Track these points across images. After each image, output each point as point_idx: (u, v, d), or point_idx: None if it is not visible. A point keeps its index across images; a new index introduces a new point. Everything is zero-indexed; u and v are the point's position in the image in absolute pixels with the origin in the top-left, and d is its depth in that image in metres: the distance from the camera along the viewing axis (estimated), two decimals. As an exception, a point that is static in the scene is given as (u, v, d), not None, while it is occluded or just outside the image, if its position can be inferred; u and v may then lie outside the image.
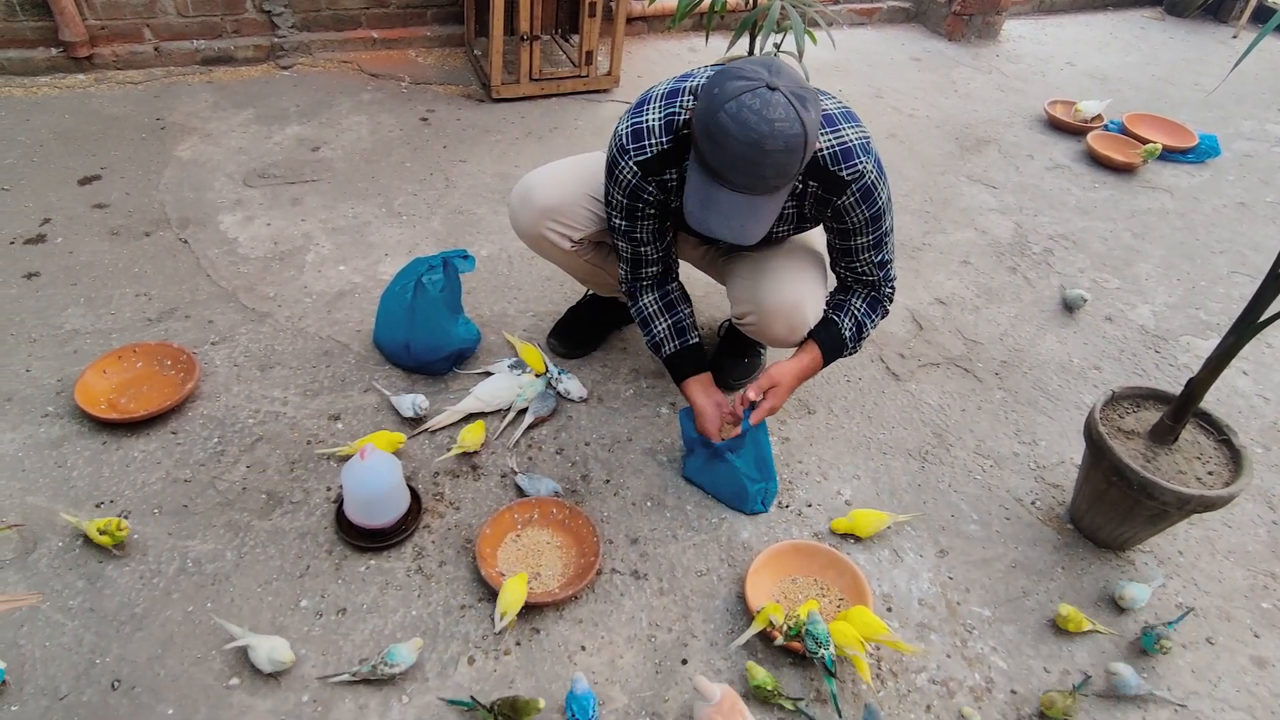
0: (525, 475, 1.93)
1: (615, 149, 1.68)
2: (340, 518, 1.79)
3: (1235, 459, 1.81)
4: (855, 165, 1.60)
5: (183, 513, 1.80)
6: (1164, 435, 1.83)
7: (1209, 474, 1.79)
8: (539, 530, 1.84)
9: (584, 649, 1.64)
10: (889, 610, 1.77)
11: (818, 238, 1.97)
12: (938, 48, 4.63)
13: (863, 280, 1.83)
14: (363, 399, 2.11)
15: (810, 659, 1.58)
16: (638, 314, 1.96)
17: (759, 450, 1.89)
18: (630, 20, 4.10)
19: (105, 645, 1.55)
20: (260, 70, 3.56)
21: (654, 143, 1.63)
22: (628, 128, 1.65)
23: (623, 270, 1.92)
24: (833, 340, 1.85)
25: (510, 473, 1.95)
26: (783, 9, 2.59)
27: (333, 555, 1.75)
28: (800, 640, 1.60)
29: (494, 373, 2.20)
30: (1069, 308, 2.70)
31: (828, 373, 2.35)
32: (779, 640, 1.61)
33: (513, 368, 2.21)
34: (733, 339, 2.28)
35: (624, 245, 1.84)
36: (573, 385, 2.17)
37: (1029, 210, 3.24)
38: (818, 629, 1.57)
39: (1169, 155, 3.69)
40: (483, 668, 1.59)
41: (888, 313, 1.89)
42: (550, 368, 2.22)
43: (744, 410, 1.82)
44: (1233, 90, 4.38)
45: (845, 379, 2.35)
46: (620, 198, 1.73)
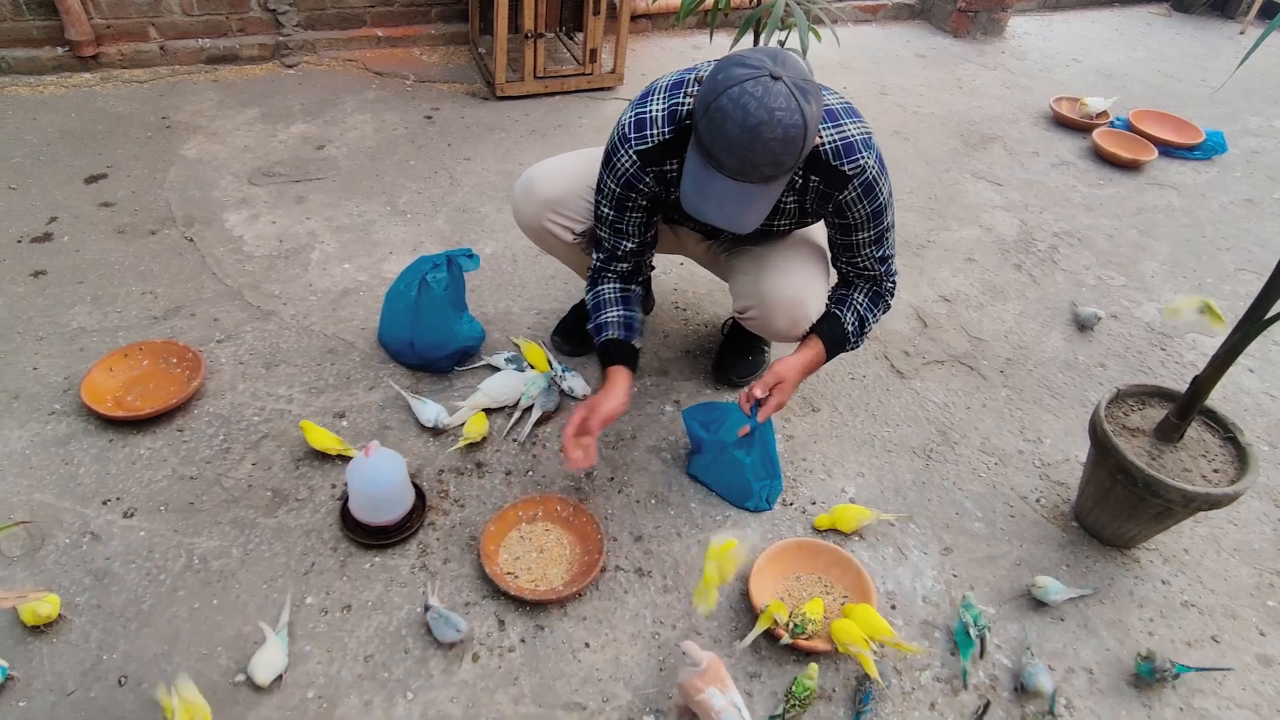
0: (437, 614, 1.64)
1: (616, 137, 1.67)
2: (345, 515, 1.80)
3: (1241, 456, 1.80)
4: (857, 160, 1.60)
5: (189, 510, 1.81)
6: (1169, 433, 1.83)
7: (1214, 472, 1.78)
8: (543, 527, 1.84)
9: (588, 646, 1.65)
10: (893, 608, 1.77)
11: (819, 232, 1.97)
12: (943, 44, 4.62)
13: (865, 275, 1.83)
14: (368, 396, 2.12)
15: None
16: (593, 297, 1.90)
17: (765, 448, 1.89)
18: (634, 18, 4.10)
19: (112, 642, 1.56)
20: (265, 69, 3.57)
21: (656, 133, 1.63)
22: (631, 117, 1.65)
23: (597, 256, 1.89)
24: (835, 334, 1.84)
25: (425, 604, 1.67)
26: (787, 6, 2.59)
27: (338, 552, 1.76)
28: (807, 638, 1.61)
29: (495, 366, 2.20)
30: (1082, 326, 2.62)
31: (832, 370, 2.34)
32: (785, 639, 1.62)
33: (510, 361, 2.21)
34: (736, 336, 2.28)
35: (606, 235, 1.83)
36: (576, 383, 2.17)
37: (1034, 207, 3.23)
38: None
39: (1175, 152, 3.67)
40: (487, 664, 1.59)
41: (890, 307, 1.89)
42: (554, 366, 2.23)
43: (751, 407, 1.82)
44: (1240, 86, 4.36)
45: (850, 376, 2.35)
46: (614, 186, 1.72)
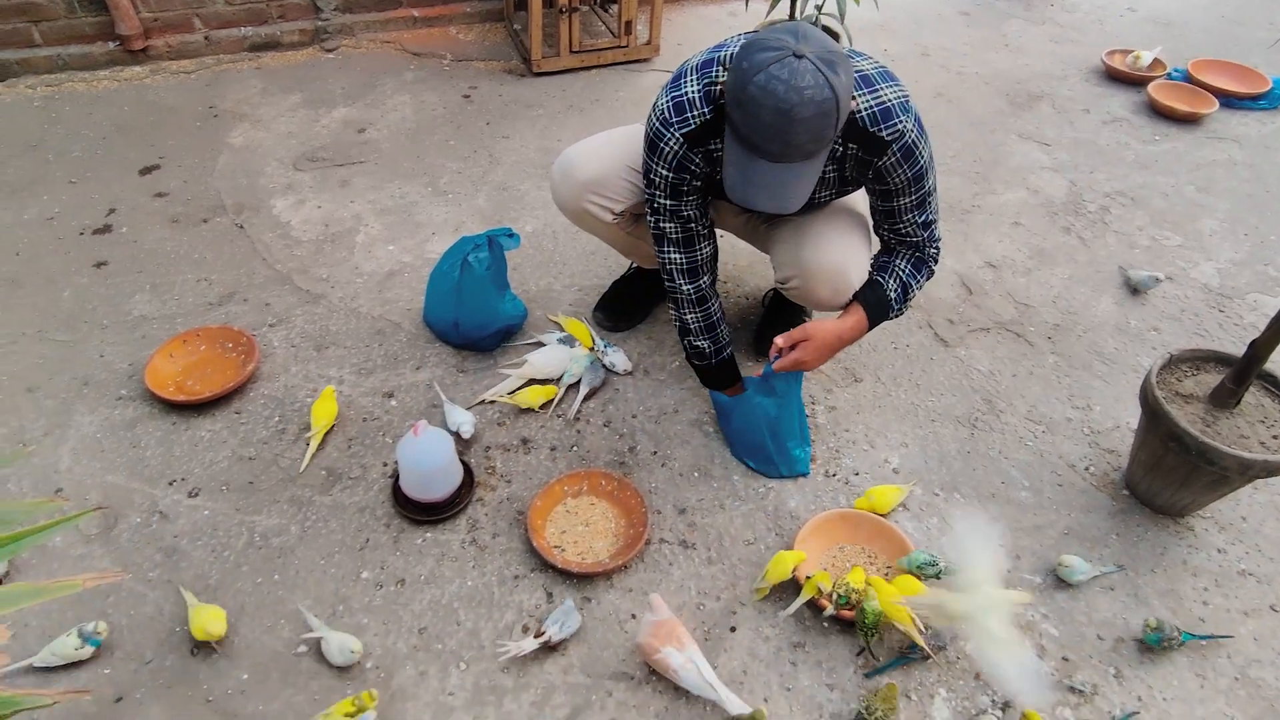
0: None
1: (658, 123, 1.67)
2: (396, 492, 1.86)
3: (1301, 421, 1.75)
4: (895, 125, 1.58)
5: (249, 489, 1.89)
6: (1225, 399, 1.78)
7: (1274, 438, 1.73)
8: (589, 501, 1.88)
9: (634, 617, 1.68)
10: (938, 579, 1.77)
11: (860, 200, 1.95)
12: (987, 0, 4.48)
13: (907, 241, 1.81)
14: (415, 376, 2.17)
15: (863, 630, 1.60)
16: (705, 318, 1.93)
17: (792, 409, 1.89)
18: (669, -14, 4.05)
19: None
20: (306, 54, 3.62)
21: (696, 114, 1.62)
22: (668, 102, 1.64)
23: (678, 257, 1.84)
24: (878, 301, 1.83)
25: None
26: (824, -31, 2.54)
27: (390, 528, 1.82)
28: (850, 609, 1.62)
29: (543, 344, 2.24)
30: (1136, 291, 2.54)
31: (875, 340, 2.33)
32: (829, 610, 1.63)
33: (562, 341, 2.24)
34: (777, 308, 2.27)
35: (672, 226, 1.80)
36: (618, 358, 2.20)
37: (1084, 167, 3.14)
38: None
39: (1237, 103, 3.52)
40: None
41: (933, 273, 1.87)
42: (597, 341, 2.25)
43: (773, 356, 1.81)
44: (1308, 30, 4.15)
45: (893, 346, 2.33)
46: (665, 172, 1.71)
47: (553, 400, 2.10)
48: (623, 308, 2.35)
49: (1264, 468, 1.66)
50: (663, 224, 1.81)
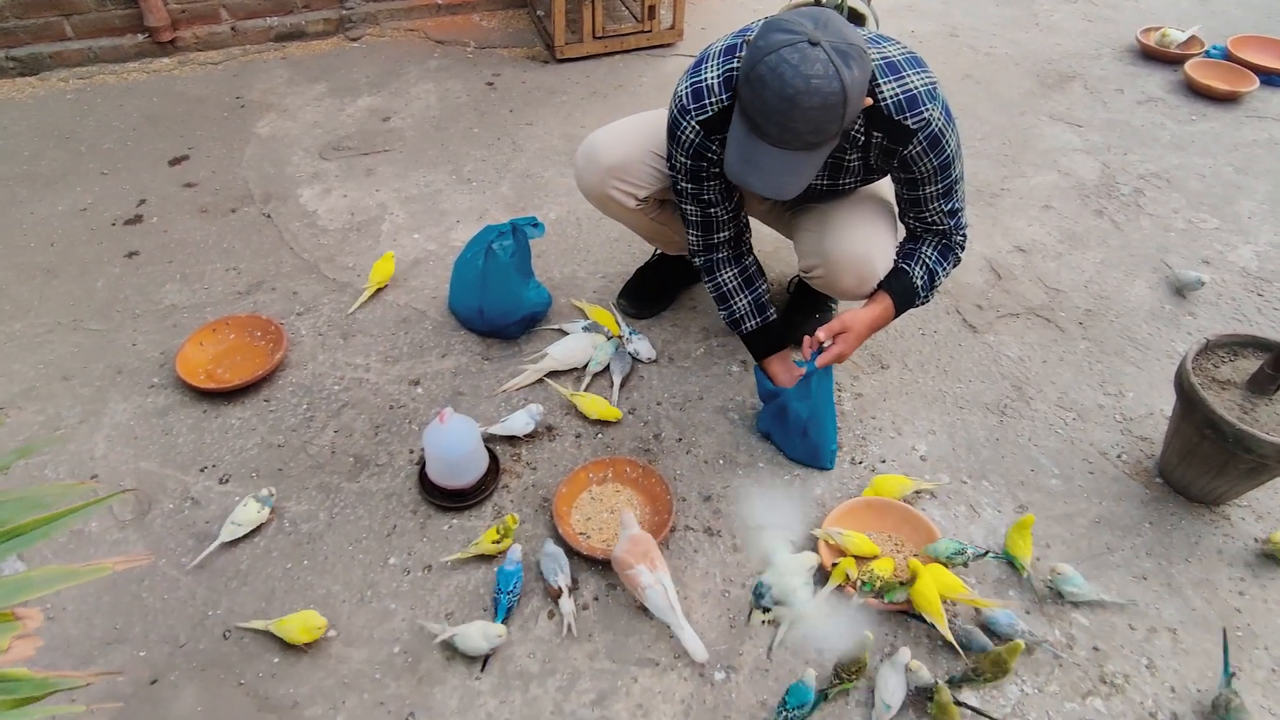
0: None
1: (676, 110, 1.66)
2: (423, 479, 1.87)
3: (1343, 408, 1.71)
4: (921, 113, 1.55)
5: (278, 476, 1.91)
6: (1264, 385, 1.74)
7: (1313, 424, 1.69)
8: (614, 488, 1.88)
9: (659, 604, 1.68)
10: (965, 566, 1.75)
11: (886, 187, 1.93)
12: (1019, -22, 4.38)
13: (933, 229, 1.78)
14: (440, 364, 2.18)
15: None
16: (715, 289, 1.95)
17: (823, 405, 1.87)
18: (693, -30, 4.01)
19: (215, 599, 1.68)
20: (331, 43, 3.63)
21: (714, 100, 1.61)
22: (687, 88, 1.63)
23: (694, 237, 1.90)
24: (904, 289, 1.81)
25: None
26: (850, -51, 2.50)
27: (417, 515, 1.84)
28: (877, 597, 1.61)
29: (569, 333, 2.24)
30: (1181, 292, 2.41)
31: (902, 326, 2.30)
32: (855, 597, 1.62)
33: (588, 330, 2.23)
34: (803, 295, 2.25)
35: (692, 209, 1.82)
36: (642, 346, 2.19)
37: (1117, 149, 3.07)
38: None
39: (1279, 80, 3.42)
40: (562, 621, 1.65)
41: (960, 260, 1.84)
42: (622, 328, 2.25)
43: (811, 353, 1.79)
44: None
45: (920, 332, 2.30)
46: (684, 159, 1.72)
47: (614, 422, 2.06)
48: (647, 294, 2.34)
49: (1304, 455, 1.62)
50: (685, 206, 1.83)
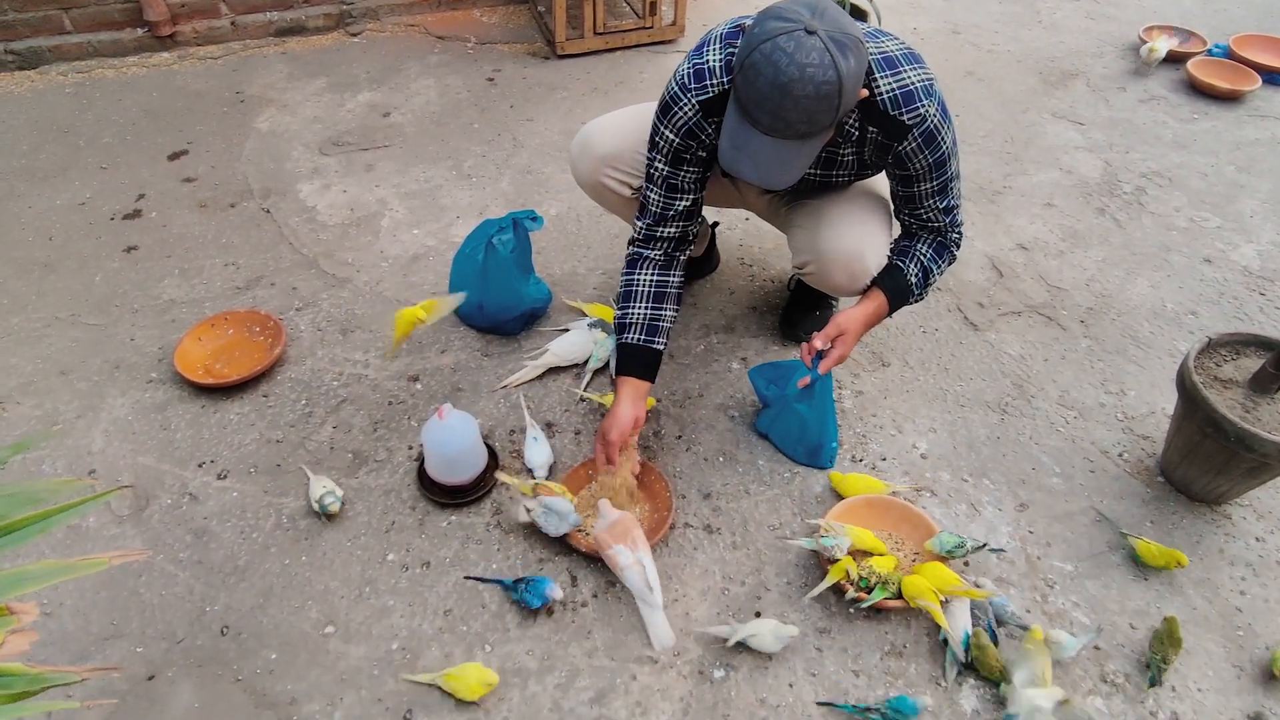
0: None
1: (675, 87, 1.64)
2: (422, 475, 1.86)
3: (1346, 407, 1.70)
4: (917, 109, 1.54)
5: (276, 471, 1.90)
6: (1266, 384, 1.73)
7: (1315, 423, 1.69)
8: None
9: (658, 601, 1.68)
10: (966, 565, 1.74)
11: (881, 183, 1.92)
12: (1022, -25, 4.37)
13: (929, 227, 1.78)
14: (440, 360, 2.18)
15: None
16: (626, 283, 1.83)
17: (824, 404, 1.86)
18: (694, -34, 4.00)
19: (213, 595, 1.67)
20: (331, 38, 3.62)
21: (715, 83, 1.60)
22: (689, 68, 1.62)
23: (640, 225, 1.82)
24: (898, 287, 1.80)
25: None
26: (852, -55, 2.49)
27: (416, 511, 1.83)
28: (871, 593, 1.61)
29: (571, 329, 2.23)
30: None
31: (902, 324, 2.29)
32: (851, 593, 1.62)
33: (592, 326, 2.22)
34: (803, 292, 2.24)
35: (656, 195, 1.76)
36: (642, 343, 2.18)
37: (1119, 147, 3.06)
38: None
39: (1281, 80, 3.41)
40: (561, 619, 1.64)
41: (955, 258, 1.83)
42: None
43: (812, 359, 1.79)
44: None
45: (921, 330, 2.30)
46: (672, 137, 1.67)
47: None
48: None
49: (1306, 455, 1.62)
50: (649, 192, 1.78)
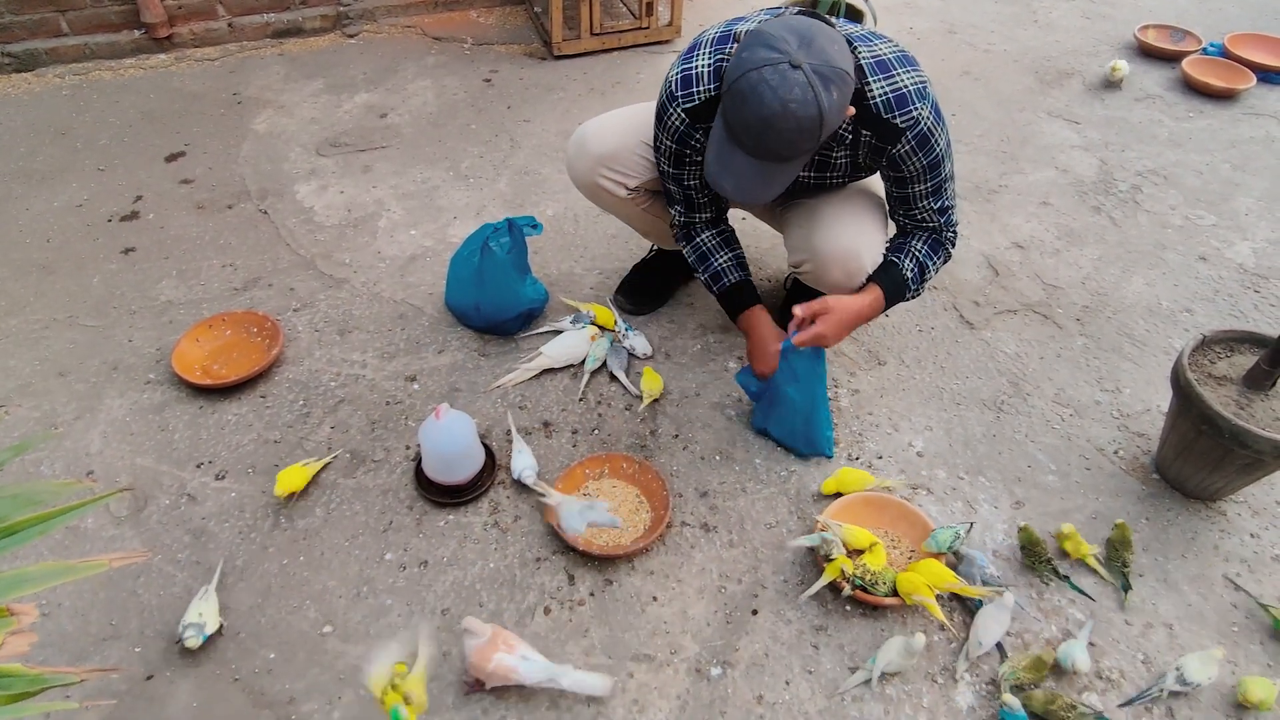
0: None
1: (665, 95, 1.68)
2: (419, 475, 1.87)
3: (1339, 404, 1.71)
4: (910, 112, 1.55)
5: (274, 472, 1.90)
6: (1260, 380, 1.74)
7: (1309, 420, 1.69)
8: (610, 484, 1.88)
9: (655, 599, 1.68)
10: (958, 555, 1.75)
11: (876, 183, 1.93)
12: (1018, -25, 4.38)
13: (924, 227, 1.79)
14: (437, 360, 2.18)
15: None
16: (694, 249, 1.94)
17: (815, 391, 1.87)
18: (691, -34, 4.00)
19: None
20: (328, 40, 3.63)
21: (702, 90, 1.62)
22: (678, 74, 1.65)
23: (676, 210, 1.92)
24: (894, 282, 1.81)
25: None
26: (848, -55, 2.49)
27: (413, 511, 1.84)
28: (868, 590, 1.61)
29: (563, 330, 2.23)
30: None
31: (898, 323, 2.30)
32: (847, 591, 1.62)
33: (576, 322, 2.23)
34: (799, 291, 2.24)
35: (675, 189, 1.86)
36: (639, 342, 2.19)
37: (1115, 145, 3.07)
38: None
39: (1276, 78, 3.42)
40: (559, 617, 1.65)
41: (950, 256, 1.84)
42: (619, 324, 2.24)
43: (793, 330, 1.78)
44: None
45: (917, 328, 2.30)
46: (669, 143, 1.73)
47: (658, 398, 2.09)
48: (644, 291, 2.34)
49: (1300, 451, 1.62)
50: (668, 185, 1.87)
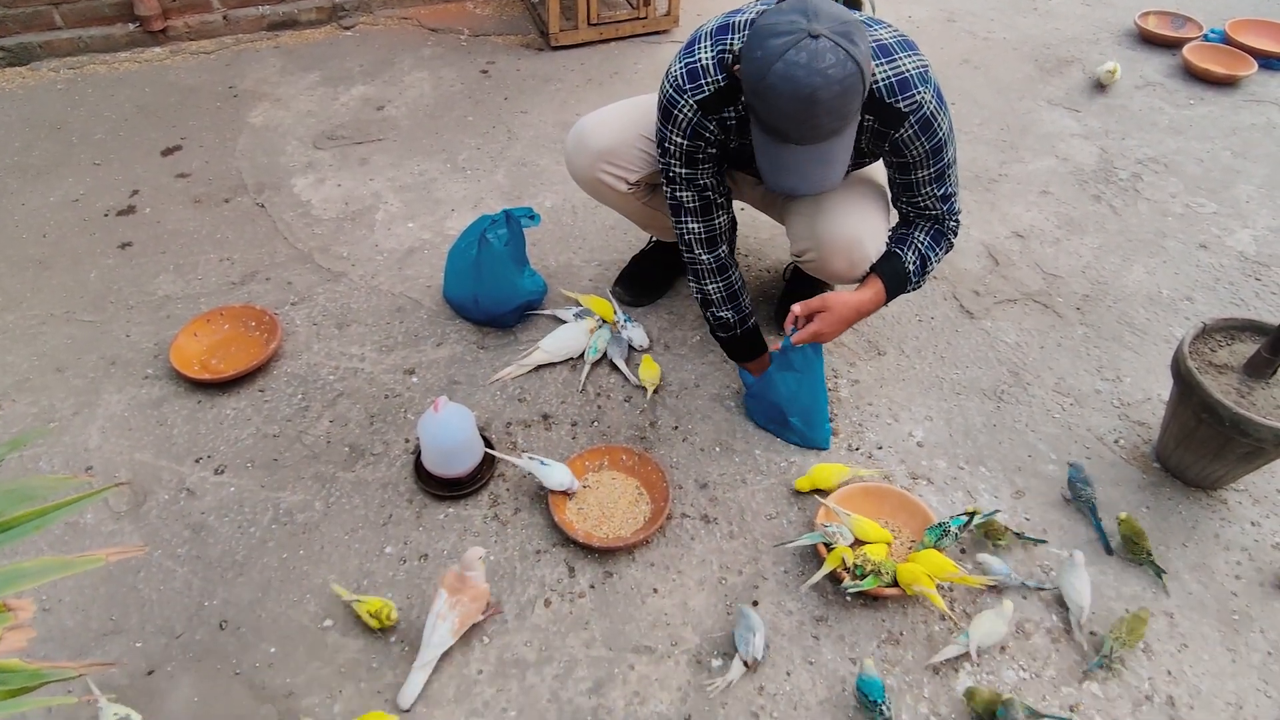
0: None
1: (670, 90, 1.64)
2: (419, 468, 1.87)
3: (1340, 391, 1.70)
4: (913, 96, 1.54)
5: (273, 466, 1.91)
6: (1261, 369, 1.73)
7: (1310, 408, 1.69)
8: (610, 476, 1.88)
9: (656, 591, 1.68)
10: (963, 551, 1.75)
11: (878, 171, 1.92)
12: (1017, -38, 4.35)
13: (926, 214, 1.78)
14: (436, 353, 2.18)
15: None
16: (727, 287, 1.89)
17: (814, 384, 1.87)
18: (688, -45, 3.98)
19: (211, 589, 1.67)
20: (324, 32, 3.61)
21: (710, 80, 1.59)
22: (681, 68, 1.62)
23: (694, 226, 1.81)
24: (895, 274, 1.79)
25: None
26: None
27: (413, 504, 1.83)
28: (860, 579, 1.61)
29: (563, 319, 2.23)
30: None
31: (898, 312, 2.29)
32: (848, 581, 1.62)
33: (578, 316, 2.22)
34: (798, 282, 2.24)
35: (688, 195, 1.78)
36: (636, 333, 2.18)
37: (1115, 133, 3.06)
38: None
39: (1277, 64, 3.40)
40: (559, 610, 1.65)
41: (953, 246, 1.83)
42: (618, 315, 2.24)
43: (790, 329, 1.78)
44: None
45: (917, 318, 2.30)
46: (680, 140, 1.68)
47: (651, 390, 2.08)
48: (643, 282, 2.33)
49: (1301, 439, 1.62)
50: (679, 193, 1.79)
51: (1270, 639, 1.62)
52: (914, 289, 1.84)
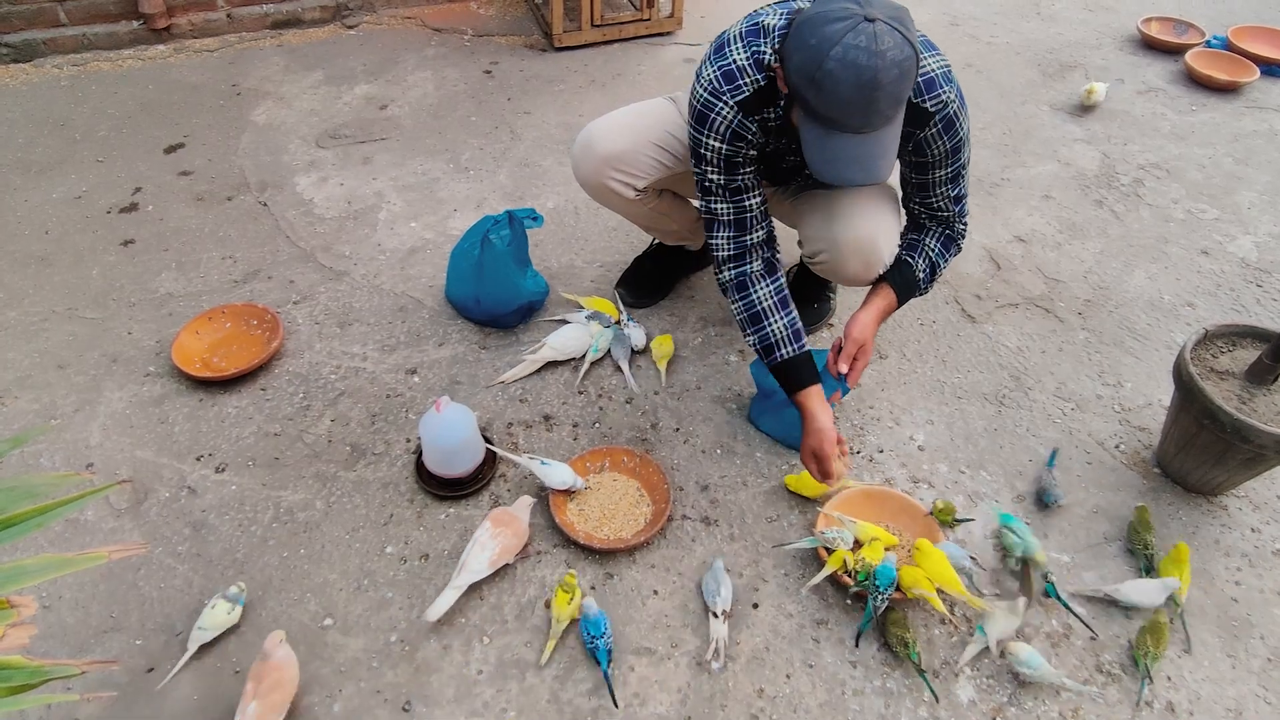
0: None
1: (706, 94, 1.59)
2: (420, 468, 1.87)
3: (1342, 398, 1.70)
4: (939, 95, 1.54)
5: (274, 464, 1.90)
6: (1262, 375, 1.73)
7: (1311, 415, 1.69)
8: (611, 478, 1.88)
9: (656, 593, 1.68)
10: (953, 527, 1.75)
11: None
12: (1020, -33, 4.35)
13: (937, 216, 1.77)
14: (437, 352, 2.18)
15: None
16: (746, 308, 1.75)
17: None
18: (692, -43, 3.98)
19: (212, 588, 1.67)
20: (327, 31, 3.61)
21: (748, 80, 1.56)
22: (716, 71, 1.57)
23: (724, 241, 1.73)
24: (906, 282, 1.80)
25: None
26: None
27: (414, 504, 1.83)
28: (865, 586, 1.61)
29: (570, 321, 2.23)
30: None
31: (900, 316, 2.29)
32: (853, 588, 1.62)
33: (590, 319, 2.22)
34: (801, 284, 2.24)
35: (724, 206, 1.70)
36: (637, 334, 2.18)
37: (1117, 139, 3.06)
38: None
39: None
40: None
41: (961, 250, 1.84)
42: (622, 314, 2.24)
43: (839, 379, 1.76)
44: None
45: (919, 322, 2.30)
46: (718, 144, 1.62)
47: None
48: (645, 284, 2.33)
49: (1302, 446, 1.62)
50: (715, 205, 1.72)
51: (1270, 645, 1.62)
52: (922, 294, 1.84)
